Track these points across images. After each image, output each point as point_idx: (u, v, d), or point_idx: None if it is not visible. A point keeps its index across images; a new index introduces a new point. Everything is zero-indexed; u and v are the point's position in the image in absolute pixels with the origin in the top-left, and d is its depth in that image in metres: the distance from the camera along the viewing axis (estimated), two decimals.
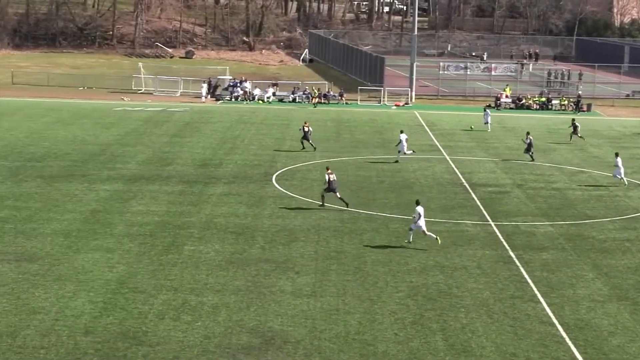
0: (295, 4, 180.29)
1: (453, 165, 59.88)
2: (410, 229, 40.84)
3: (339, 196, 46.98)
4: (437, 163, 60.84)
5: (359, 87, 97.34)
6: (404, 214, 45.82)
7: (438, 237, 40.43)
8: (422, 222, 40.16)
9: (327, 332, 29.91)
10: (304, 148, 63.90)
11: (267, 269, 36.54)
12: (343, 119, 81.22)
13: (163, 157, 60.59)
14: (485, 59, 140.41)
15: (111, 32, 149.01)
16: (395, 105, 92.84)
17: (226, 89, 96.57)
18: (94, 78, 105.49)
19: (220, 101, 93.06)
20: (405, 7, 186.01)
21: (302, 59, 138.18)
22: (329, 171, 47.29)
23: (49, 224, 42.69)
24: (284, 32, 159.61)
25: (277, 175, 55.15)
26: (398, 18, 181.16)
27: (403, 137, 60.59)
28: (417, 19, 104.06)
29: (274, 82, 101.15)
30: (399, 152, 60.67)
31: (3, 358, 27.43)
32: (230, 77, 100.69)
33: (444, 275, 36.28)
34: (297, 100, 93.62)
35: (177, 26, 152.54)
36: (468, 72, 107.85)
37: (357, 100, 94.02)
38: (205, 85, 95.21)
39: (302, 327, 30.35)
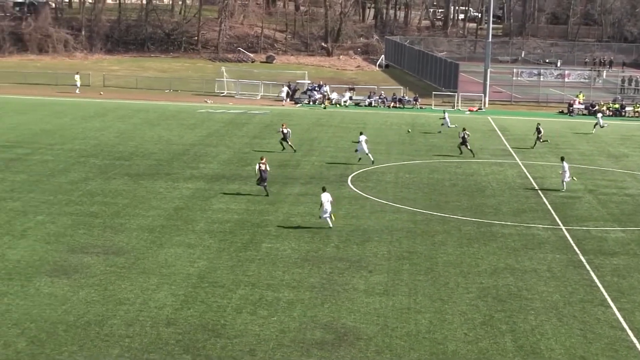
0: (372, 11, 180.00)
1: (525, 170, 59.29)
2: (321, 217, 42.57)
3: (264, 184, 49.02)
4: (509, 167, 60.31)
5: (434, 92, 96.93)
6: (476, 217, 45.52)
7: (332, 221, 42.25)
8: (327, 206, 41.91)
9: (399, 330, 29.82)
10: (284, 149, 63.78)
11: (341, 267, 36.54)
12: (417, 123, 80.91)
13: (243, 157, 60.90)
14: (559, 65, 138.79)
15: (196, 38, 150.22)
16: (469, 110, 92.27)
17: (305, 92, 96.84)
18: (179, 81, 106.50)
19: (299, 104, 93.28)
20: (480, 15, 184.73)
21: (379, 65, 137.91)
22: (263, 161, 49.08)
23: (135, 220, 43.20)
24: (361, 39, 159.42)
25: (352, 177, 55.12)
26: (473, 25, 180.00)
27: (362, 138, 60.11)
28: (491, 26, 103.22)
29: (350, 86, 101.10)
30: (356, 150, 60.19)
31: (92, 345, 27.84)
32: (309, 82, 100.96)
33: (514, 278, 35.93)
34: (372, 105, 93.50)
35: (258, 32, 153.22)
36: (541, 79, 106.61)
37: (431, 105, 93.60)
38: (285, 89, 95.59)
39: (374, 324, 30.29)
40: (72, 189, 49.78)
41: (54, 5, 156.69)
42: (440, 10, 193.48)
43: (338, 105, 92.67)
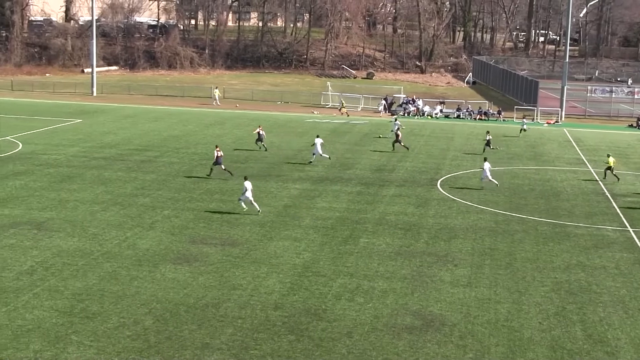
0: (462, 34, 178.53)
1: (597, 177, 58.08)
2: (240, 199, 44.07)
3: (223, 168, 52.93)
4: (582, 175, 59.17)
5: (515, 107, 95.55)
6: (552, 218, 44.81)
7: (260, 210, 43.70)
8: (248, 194, 43.39)
9: (480, 318, 29.53)
10: (260, 149, 64.24)
11: (430, 261, 36.33)
12: (499, 134, 79.85)
13: (345, 162, 60.93)
14: (629, 83, 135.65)
15: (305, 56, 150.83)
16: (547, 123, 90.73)
17: (400, 105, 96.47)
18: (289, 94, 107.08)
19: (395, 116, 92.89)
20: (558, 38, 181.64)
21: (466, 81, 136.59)
22: (218, 149, 53.41)
23: (249, 216, 43.53)
24: (451, 58, 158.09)
25: (441, 181, 54.71)
26: (552, 47, 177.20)
27: (318, 141, 59.63)
28: (568, 47, 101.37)
29: (441, 100, 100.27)
30: (313, 154, 59.65)
31: (208, 324, 28.18)
32: (404, 96, 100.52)
33: (585, 274, 35.27)
34: (461, 117, 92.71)
35: (360, 51, 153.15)
36: (613, 95, 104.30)
37: (513, 117, 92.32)
38: (382, 102, 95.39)
39: (458, 312, 30.05)
40: (194, 187, 50.44)
41: (182, 27, 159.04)
42: (522, 34, 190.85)
43: (430, 117, 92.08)
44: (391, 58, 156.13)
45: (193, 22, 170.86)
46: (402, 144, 66.56)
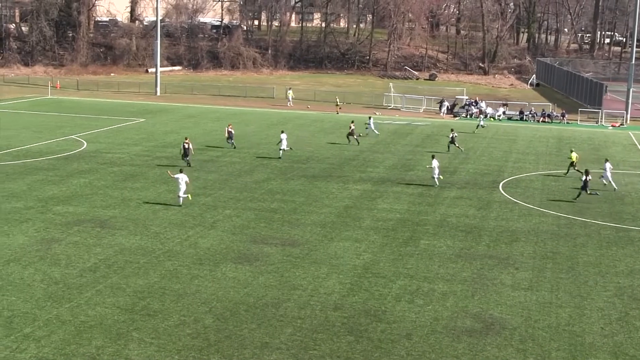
0: (525, 35, 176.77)
1: None
2: (179, 196, 45.19)
3: (188, 159, 55.91)
4: None
5: (580, 109, 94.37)
6: (615, 222, 44.20)
7: (189, 195, 45.62)
8: (183, 186, 44.89)
9: (541, 322, 29.25)
10: (234, 147, 64.62)
11: (491, 264, 36.08)
12: (564, 137, 78.97)
13: (406, 163, 60.79)
14: None
15: (368, 57, 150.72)
16: (612, 125, 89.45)
17: (463, 107, 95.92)
18: (351, 95, 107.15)
19: (457, 118, 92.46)
20: (624, 39, 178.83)
21: (530, 83, 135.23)
22: (187, 141, 56.55)
23: (309, 216, 43.69)
24: (514, 60, 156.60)
25: (503, 183, 54.28)
26: (617, 49, 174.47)
27: (284, 136, 61.46)
28: (635, 49, 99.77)
29: (504, 102, 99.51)
30: (280, 150, 60.96)
31: (268, 324, 28.32)
32: (467, 97, 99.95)
33: None
34: (524, 119, 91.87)
35: (423, 53, 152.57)
36: None
37: (577, 120, 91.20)
38: (445, 104, 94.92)
39: (518, 316, 29.80)
40: (256, 187, 50.74)
41: (245, 27, 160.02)
42: (587, 35, 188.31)
43: (492, 119, 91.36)
44: (454, 59, 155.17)
45: (256, 22, 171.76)
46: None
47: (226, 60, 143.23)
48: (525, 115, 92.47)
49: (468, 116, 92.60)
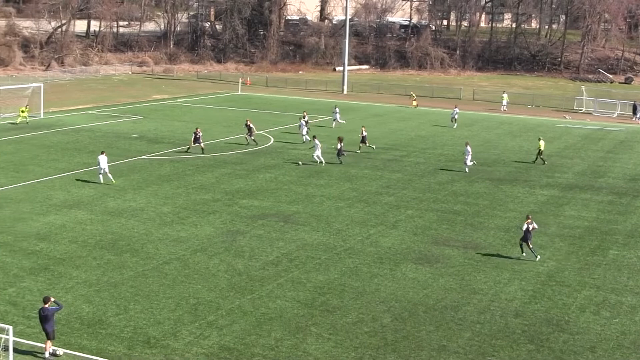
0: None
1: None
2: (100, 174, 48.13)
3: (190, 148, 59.49)
4: None
5: None
6: None
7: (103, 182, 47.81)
8: (104, 166, 48.04)
9: None
10: (248, 143, 63.75)
11: None
12: None
13: (596, 170, 58.99)
14: None
15: (559, 59, 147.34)
16: None
17: None
18: (541, 98, 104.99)
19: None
20: None
21: None
22: (197, 130, 60.01)
23: (493, 220, 43.11)
24: None
25: None
26: None
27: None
28: None
29: None
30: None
31: (446, 327, 28.15)
32: None
33: None
34: None
35: (619, 55, 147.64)
36: None
37: None
38: None
39: None
40: (439, 188, 50.49)
41: (433, 27, 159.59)
42: None
43: None
44: None
45: (445, 22, 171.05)
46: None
47: (413, 60, 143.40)
48: None
49: None
